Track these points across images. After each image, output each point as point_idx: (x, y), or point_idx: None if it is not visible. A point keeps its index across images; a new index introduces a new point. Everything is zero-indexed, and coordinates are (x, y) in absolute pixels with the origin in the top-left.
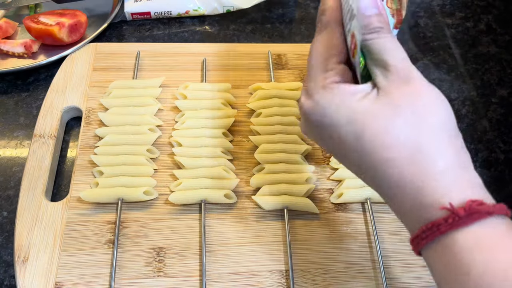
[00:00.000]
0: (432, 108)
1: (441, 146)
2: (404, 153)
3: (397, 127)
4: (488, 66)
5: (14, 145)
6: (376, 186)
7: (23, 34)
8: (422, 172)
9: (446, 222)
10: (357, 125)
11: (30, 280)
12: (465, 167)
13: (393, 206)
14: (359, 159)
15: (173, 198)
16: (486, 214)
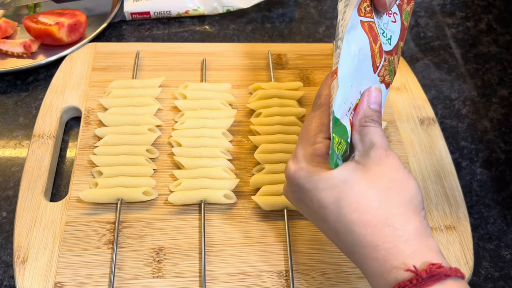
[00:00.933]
0: (403, 185)
1: (408, 217)
2: (378, 218)
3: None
4: (489, 66)
5: (13, 145)
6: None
7: (23, 34)
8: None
9: (410, 283)
10: (336, 191)
11: (30, 281)
12: (426, 236)
13: (365, 267)
14: (336, 222)
15: (172, 199)
16: (444, 276)
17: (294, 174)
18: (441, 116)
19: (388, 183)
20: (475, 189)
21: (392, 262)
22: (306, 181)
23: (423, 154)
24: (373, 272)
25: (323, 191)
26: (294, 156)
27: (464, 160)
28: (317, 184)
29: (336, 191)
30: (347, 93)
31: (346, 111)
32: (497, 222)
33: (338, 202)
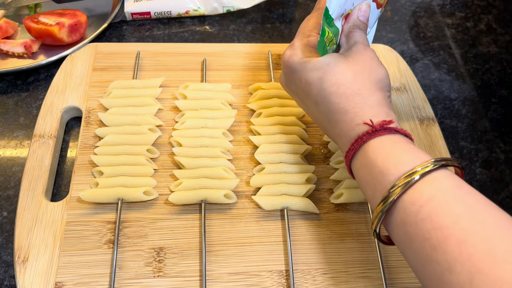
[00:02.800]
0: (374, 70)
1: (375, 92)
2: (351, 90)
3: (349, 75)
4: (488, 66)
5: (14, 145)
6: (327, 115)
7: (23, 34)
8: (360, 103)
9: (367, 133)
10: (321, 71)
11: (30, 281)
12: (388, 107)
13: (336, 130)
14: (318, 95)
15: (173, 198)
16: (394, 130)
17: (289, 58)
18: (440, 116)
19: (362, 67)
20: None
21: (356, 121)
22: (298, 63)
23: None
24: (341, 132)
25: (310, 71)
26: (291, 45)
27: (463, 160)
28: (306, 65)
29: (321, 71)
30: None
31: (339, 16)
32: None
33: (321, 79)
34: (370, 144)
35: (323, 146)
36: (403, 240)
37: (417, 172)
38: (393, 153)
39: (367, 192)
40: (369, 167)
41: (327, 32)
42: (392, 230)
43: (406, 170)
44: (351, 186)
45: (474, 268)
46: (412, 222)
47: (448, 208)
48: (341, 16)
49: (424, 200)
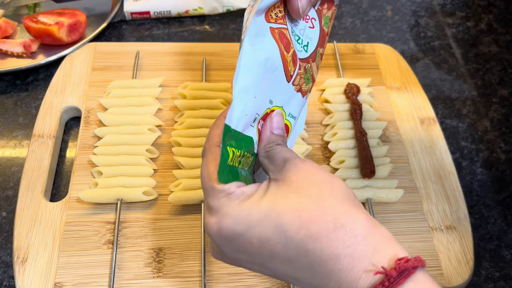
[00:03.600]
0: (331, 184)
1: (354, 213)
2: (326, 225)
3: (310, 205)
4: (489, 65)
5: (13, 145)
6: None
7: (22, 34)
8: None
9: (383, 286)
10: (272, 217)
11: (29, 281)
12: (378, 226)
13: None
14: (286, 249)
15: (172, 199)
16: (413, 269)
17: (220, 226)
18: (441, 116)
19: (317, 186)
20: (476, 189)
21: (359, 267)
22: (236, 223)
23: (424, 154)
24: (342, 285)
25: (258, 225)
26: (209, 210)
27: (464, 160)
28: (248, 221)
29: (272, 217)
30: (250, 105)
31: (250, 122)
32: (497, 222)
33: (279, 227)
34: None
35: (323, 146)
36: None
37: None
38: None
39: None
40: None
41: (231, 153)
42: None
43: None
44: (351, 186)
45: None
46: None
47: None
48: (254, 122)
49: None
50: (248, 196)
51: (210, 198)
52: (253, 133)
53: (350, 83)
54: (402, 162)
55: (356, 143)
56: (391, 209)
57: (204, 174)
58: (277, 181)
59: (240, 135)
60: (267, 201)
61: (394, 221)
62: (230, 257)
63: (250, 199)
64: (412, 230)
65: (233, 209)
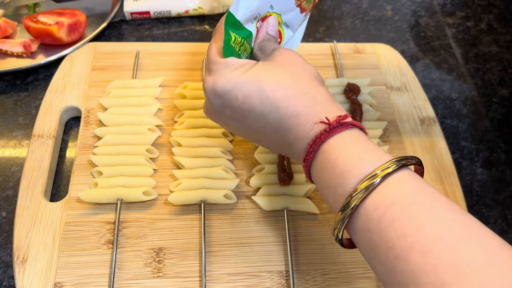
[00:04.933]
0: (305, 67)
1: (318, 87)
2: (296, 90)
3: (287, 76)
4: (489, 65)
5: (13, 145)
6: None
7: (22, 34)
8: (310, 101)
9: (325, 132)
10: (257, 80)
11: (29, 281)
12: (334, 100)
13: (291, 136)
14: (262, 105)
15: (172, 199)
16: (350, 125)
17: (214, 84)
18: (441, 116)
19: (294, 66)
20: (476, 189)
21: (312, 121)
22: (226, 83)
23: (424, 154)
24: (297, 137)
25: (245, 85)
26: (209, 71)
27: (464, 160)
28: (237, 80)
29: (257, 80)
30: (255, 4)
31: (251, 19)
32: (497, 222)
33: (260, 88)
34: (329, 144)
35: None
36: (367, 248)
37: (378, 175)
38: (353, 151)
39: (329, 197)
40: (330, 169)
41: (233, 37)
42: (355, 237)
43: (368, 172)
44: None
45: (439, 281)
46: (376, 230)
47: (411, 214)
48: (254, 19)
49: (387, 205)
50: (241, 65)
51: (211, 64)
52: (252, 28)
53: (350, 83)
54: None
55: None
56: None
57: (211, 49)
58: (265, 60)
59: (241, 26)
60: (254, 70)
61: None
62: (218, 112)
63: (242, 67)
64: None
65: (227, 72)
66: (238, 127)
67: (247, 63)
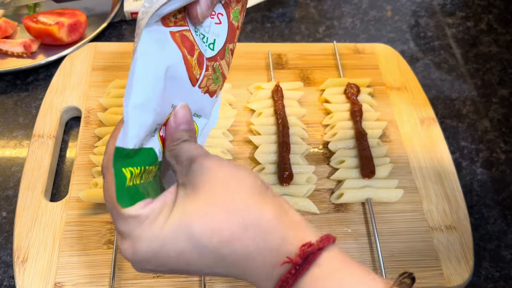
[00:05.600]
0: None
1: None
2: (234, 228)
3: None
4: (489, 65)
5: (13, 145)
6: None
7: (23, 34)
8: (259, 235)
9: (291, 274)
10: (182, 229)
11: (30, 281)
12: (285, 212)
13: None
14: (203, 258)
15: None
16: (318, 251)
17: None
18: (441, 116)
19: (223, 184)
20: (476, 189)
21: (272, 261)
22: (150, 243)
23: (423, 154)
24: (260, 278)
25: (172, 240)
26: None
27: (464, 160)
28: (162, 239)
29: (183, 228)
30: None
31: (150, 133)
32: (497, 222)
33: (192, 238)
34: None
35: (323, 146)
36: None
37: None
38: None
39: None
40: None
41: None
42: None
43: None
44: (351, 186)
45: None
46: None
47: None
48: (154, 131)
49: None
50: (157, 213)
51: (118, 223)
52: (154, 143)
53: (350, 83)
54: (402, 162)
55: (356, 143)
56: (391, 209)
57: (107, 199)
58: (184, 186)
59: (137, 151)
60: (176, 213)
61: (394, 221)
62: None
63: (160, 216)
64: (412, 230)
65: (144, 231)
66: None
67: (164, 204)
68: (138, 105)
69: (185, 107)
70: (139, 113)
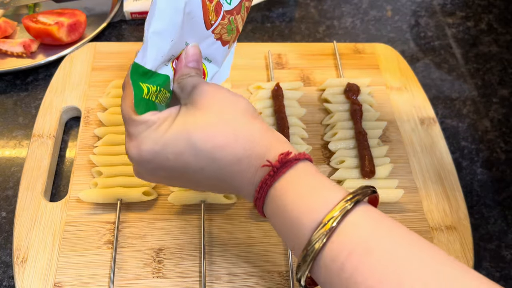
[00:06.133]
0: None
1: (251, 123)
2: (228, 136)
3: (214, 120)
4: (489, 65)
5: (13, 145)
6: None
7: (22, 34)
8: (248, 144)
9: (269, 176)
10: (183, 134)
11: (29, 281)
12: (272, 131)
13: (236, 183)
14: (197, 160)
15: (172, 199)
16: (295, 160)
17: (138, 150)
18: (441, 116)
19: (220, 104)
20: (476, 189)
21: (255, 165)
22: (153, 145)
23: (424, 154)
24: (243, 183)
25: (172, 143)
26: (129, 136)
27: (464, 160)
28: (163, 141)
29: (183, 133)
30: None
31: (165, 61)
32: (497, 222)
33: (190, 141)
34: (276, 188)
35: (323, 146)
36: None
37: (332, 219)
38: (301, 195)
39: (287, 241)
40: (281, 217)
41: (145, 89)
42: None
43: (320, 219)
44: (351, 187)
45: None
46: (337, 282)
47: (370, 264)
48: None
49: (344, 256)
50: (163, 120)
51: (129, 126)
52: (168, 71)
53: (350, 83)
54: (402, 162)
55: (356, 143)
56: (391, 209)
57: (123, 106)
58: (186, 105)
59: (154, 73)
60: (178, 122)
61: None
62: (152, 175)
63: (165, 122)
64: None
65: (150, 133)
66: (179, 184)
67: (169, 115)
68: (157, 32)
69: (196, 47)
70: (158, 39)
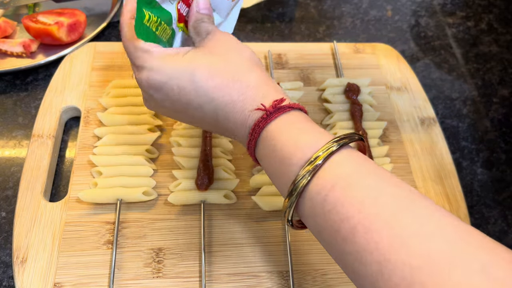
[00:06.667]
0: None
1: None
2: (227, 78)
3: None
4: (489, 65)
5: (12, 145)
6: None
7: (22, 34)
8: (244, 88)
9: (262, 119)
10: (188, 70)
11: (29, 281)
12: (271, 81)
13: (230, 124)
14: (197, 96)
15: (172, 199)
16: (288, 108)
17: (147, 78)
18: (441, 116)
19: (227, 49)
20: (476, 189)
21: (249, 108)
22: (160, 76)
23: (424, 154)
24: (237, 125)
25: (177, 76)
26: (136, 68)
27: (464, 160)
28: (169, 73)
29: (188, 71)
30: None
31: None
32: (497, 223)
33: (193, 77)
34: (268, 130)
35: None
36: (316, 231)
37: (318, 158)
38: (291, 137)
39: (276, 182)
40: (272, 157)
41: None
42: (305, 221)
43: (307, 157)
44: None
45: (382, 257)
46: (321, 214)
47: (351, 196)
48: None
49: (328, 189)
50: (169, 55)
51: (134, 58)
52: (172, 9)
53: (350, 83)
54: (402, 162)
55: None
56: None
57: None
58: (198, 47)
59: (157, 5)
60: (185, 59)
61: None
62: (159, 104)
63: (172, 57)
64: None
65: (156, 64)
66: (181, 118)
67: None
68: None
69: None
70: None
